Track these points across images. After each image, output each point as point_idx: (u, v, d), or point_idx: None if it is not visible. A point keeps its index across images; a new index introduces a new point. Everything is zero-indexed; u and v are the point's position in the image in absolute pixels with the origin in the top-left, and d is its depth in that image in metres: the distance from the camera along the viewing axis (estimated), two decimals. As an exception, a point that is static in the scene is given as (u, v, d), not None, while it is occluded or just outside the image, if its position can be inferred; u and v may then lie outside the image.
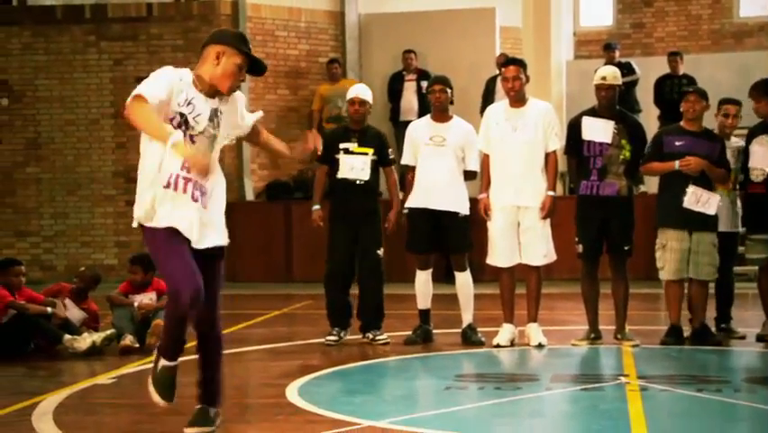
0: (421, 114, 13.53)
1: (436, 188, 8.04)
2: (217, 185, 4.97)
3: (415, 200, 8.14)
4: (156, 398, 4.94)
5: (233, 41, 4.91)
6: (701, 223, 7.68)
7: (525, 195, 7.79)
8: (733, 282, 8.34)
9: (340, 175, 8.12)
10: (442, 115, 8.16)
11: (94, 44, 14.64)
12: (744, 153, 7.95)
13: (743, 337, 8.13)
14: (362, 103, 8.17)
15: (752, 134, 8.01)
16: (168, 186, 4.81)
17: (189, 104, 4.83)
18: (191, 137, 4.84)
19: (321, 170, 8.33)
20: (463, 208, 8.09)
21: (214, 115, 4.92)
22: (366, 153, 8.11)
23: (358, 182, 8.08)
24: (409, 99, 14.36)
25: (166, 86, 4.79)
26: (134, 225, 5.00)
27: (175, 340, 4.89)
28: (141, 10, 14.54)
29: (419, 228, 8.11)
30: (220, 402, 5.18)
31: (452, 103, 8.20)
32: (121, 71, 14.60)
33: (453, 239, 8.09)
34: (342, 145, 8.13)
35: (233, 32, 5.14)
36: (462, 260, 8.16)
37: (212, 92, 4.92)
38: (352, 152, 8.11)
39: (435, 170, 8.04)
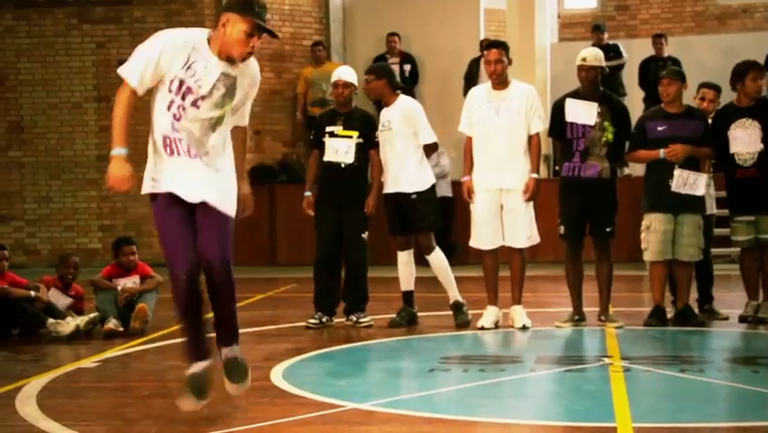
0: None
1: (390, 172, 8.09)
2: (225, 159, 4.98)
3: (385, 186, 8.17)
4: (188, 404, 4.96)
5: (237, 7, 4.83)
6: (687, 205, 7.70)
7: (508, 177, 7.79)
8: (711, 263, 8.37)
9: (325, 158, 8.13)
10: (387, 100, 8.15)
11: (76, 27, 14.58)
12: (719, 137, 7.91)
13: (726, 318, 8.17)
14: (346, 85, 8.16)
15: (725, 118, 7.93)
16: (164, 148, 4.89)
17: (189, 68, 4.84)
18: (194, 102, 4.85)
19: (313, 156, 8.34)
20: (414, 187, 8.03)
21: (226, 79, 4.88)
22: (350, 137, 8.10)
23: (342, 165, 8.07)
24: None
25: (152, 55, 4.84)
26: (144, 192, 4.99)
27: (190, 327, 4.92)
28: (123, -7, 14.49)
29: (390, 213, 8.17)
30: (238, 340, 5.10)
31: (398, 88, 8.19)
32: (103, 54, 14.55)
33: (412, 219, 8.08)
34: (328, 129, 8.14)
35: None
36: (427, 240, 8.12)
37: (225, 56, 4.88)
38: (337, 135, 8.10)
39: (386, 154, 8.09)
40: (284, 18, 15.14)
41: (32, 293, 7.97)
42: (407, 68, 14.40)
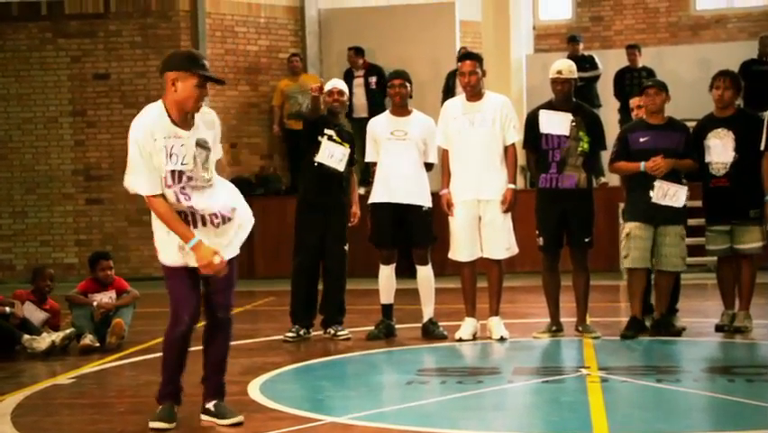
0: (371, 109, 13.58)
1: (399, 182, 8.04)
2: (225, 197, 5.25)
3: (378, 195, 8.14)
4: (159, 425, 5.19)
5: (183, 64, 5.07)
6: (668, 217, 7.72)
7: (485, 189, 7.80)
8: (679, 274, 8.28)
9: (318, 159, 8.08)
10: (402, 110, 8.17)
11: (51, 41, 14.52)
12: (698, 147, 7.96)
13: (683, 329, 8.04)
14: (341, 93, 8.17)
15: (703, 128, 8.01)
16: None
17: (171, 156, 5.03)
18: (190, 178, 5.06)
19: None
20: (426, 201, 8.11)
21: (202, 144, 5.11)
22: (346, 147, 8.11)
23: (333, 172, 8.07)
24: (359, 96, 14.35)
25: (142, 160, 5.00)
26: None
27: (170, 368, 5.23)
28: (98, 6, 14.44)
29: (383, 223, 8.11)
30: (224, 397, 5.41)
31: (410, 97, 8.22)
32: (78, 68, 14.49)
33: (417, 233, 8.10)
34: (326, 131, 8.10)
35: (182, 53, 5.24)
36: (425, 253, 8.16)
37: (187, 119, 5.08)
38: (335, 141, 8.09)
39: (398, 165, 8.05)
40: (260, 31, 15.14)
41: (7, 309, 7.90)
42: (373, 80, 14.40)
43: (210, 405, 5.31)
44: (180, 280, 5.18)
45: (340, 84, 8.31)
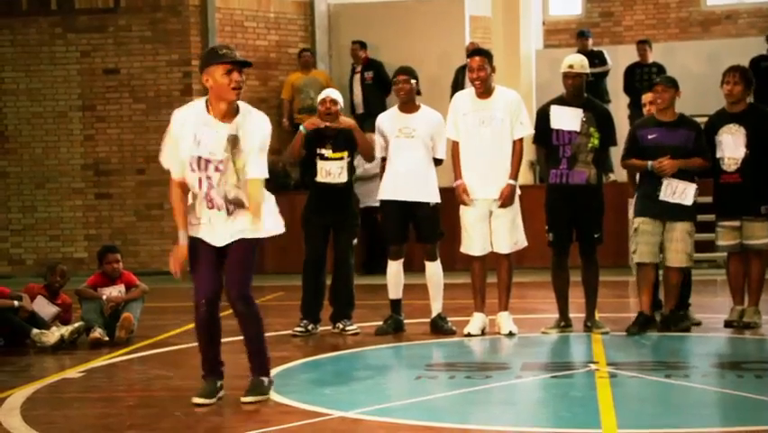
0: (366, 105, 13.56)
1: (407, 178, 8.04)
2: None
3: (386, 192, 8.14)
4: (199, 400, 5.60)
5: (205, 61, 5.44)
6: (676, 213, 7.71)
7: (495, 187, 7.79)
8: (690, 269, 8.27)
9: (318, 179, 8.12)
10: (409, 106, 8.15)
11: (61, 36, 14.51)
12: (710, 143, 7.94)
13: (698, 324, 8.08)
14: (333, 102, 8.13)
15: (715, 123, 8.00)
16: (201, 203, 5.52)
17: (198, 141, 5.35)
18: (216, 168, 5.36)
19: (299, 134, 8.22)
20: (434, 197, 8.11)
21: (233, 141, 5.36)
22: (341, 158, 8.10)
23: (336, 186, 8.10)
24: (357, 92, 14.34)
25: (174, 145, 5.43)
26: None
27: (202, 347, 5.66)
28: (108, 1, 14.42)
29: (392, 219, 8.11)
30: (269, 372, 5.74)
31: (419, 93, 8.19)
32: (88, 63, 14.49)
33: (425, 228, 8.10)
34: (318, 150, 8.12)
35: (204, 53, 5.54)
36: (433, 249, 8.16)
37: (227, 114, 5.38)
38: (328, 159, 8.10)
39: (406, 161, 8.04)
40: (269, 26, 15.14)
41: (16, 303, 7.92)
42: (369, 75, 14.36)
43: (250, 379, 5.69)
44: (199, 262, 5.52)
45: (333, 93, 8.24)
